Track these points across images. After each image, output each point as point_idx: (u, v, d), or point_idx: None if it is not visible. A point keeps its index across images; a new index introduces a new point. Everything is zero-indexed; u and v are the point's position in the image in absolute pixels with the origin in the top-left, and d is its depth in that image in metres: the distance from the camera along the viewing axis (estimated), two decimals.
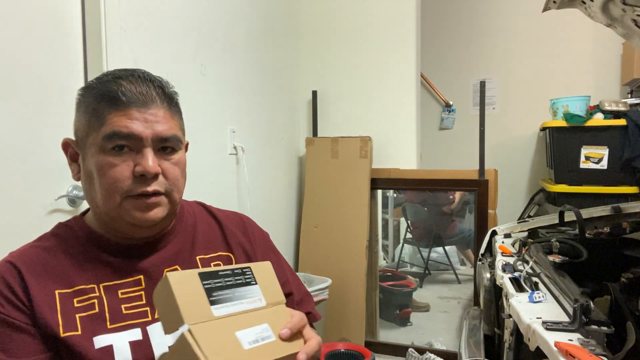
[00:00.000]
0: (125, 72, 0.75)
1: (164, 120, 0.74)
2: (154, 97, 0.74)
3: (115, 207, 0.73)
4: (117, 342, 0.69)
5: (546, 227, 1.76)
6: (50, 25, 1.27)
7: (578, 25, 3.08)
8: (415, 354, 2.25)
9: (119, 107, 0.71)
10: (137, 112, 0.71)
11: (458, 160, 3.26)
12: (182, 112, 0.82)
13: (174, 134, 0.75)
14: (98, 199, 0.74)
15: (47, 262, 0.73)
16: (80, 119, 0.75)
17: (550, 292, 1.10)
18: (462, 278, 3.51)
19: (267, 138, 2.36)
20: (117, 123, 0.71)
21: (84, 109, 0.74)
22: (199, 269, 0.64)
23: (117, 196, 0.72)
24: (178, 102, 0.80)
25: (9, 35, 1.16)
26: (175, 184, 0.76)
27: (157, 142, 0.73)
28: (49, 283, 0.71)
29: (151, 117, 0.72)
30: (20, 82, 1.18)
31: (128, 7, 1.44)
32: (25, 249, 0.75)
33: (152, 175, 0.72)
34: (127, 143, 0.71)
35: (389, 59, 2.58)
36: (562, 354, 0.75)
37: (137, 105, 0.72)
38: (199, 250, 0.84)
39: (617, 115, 2.45)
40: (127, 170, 0.71)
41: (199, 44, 1.81)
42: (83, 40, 1.37)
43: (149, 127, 0.72)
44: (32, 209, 1.22)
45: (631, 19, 1.08)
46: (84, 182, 0.76)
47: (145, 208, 0.73)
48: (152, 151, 0.72)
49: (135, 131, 0.71)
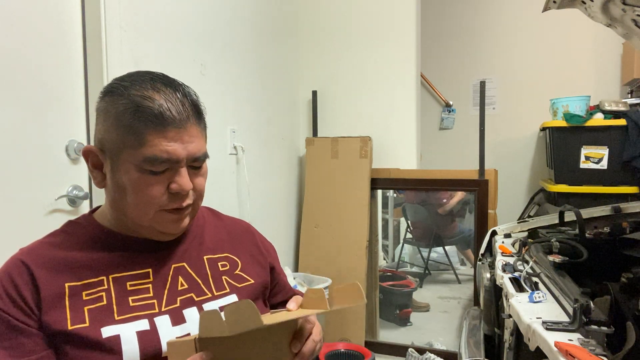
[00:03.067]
0: (157, 81, 0.74)
1: (197, 139, 0.76)
2: (189, 114, 0.74)
3: (147, 219, 0.76)
4: (125, 332, 0.71)
5: (546, 227, 1.76)
6: (50, 25, 1.27)
7: (578, 25, 3.08)
8: (415, 354, 2.25)
9: (158, 128, 0.71)
10: (175, 133, 0.72)
11: (458, 160, 3.26)
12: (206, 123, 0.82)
13: (205, 152, 0.78)
14: (130, 211, 0.76)
15: (57, 257, 0.74)
16: (109, 131, 0.73)
17: (550, 292, 1.10)
18: (462, 278, 3.51)
19: (267, 138, 2.36)
20: (158, 147, 0.71)
21: (115, 121, 0.72)
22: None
23: (151, 210, 0.75)
24: (203, 113, 0.80)
25: (9, 35, 1.15)
26: (201, 194, 0.81)
27: (190, 161, 0.76)
28: (58, 276, 0.72)
29: (186, 137, 0.73)
30: (20, 82, 1.18)
31: (128, 7, 1.44)
32: (36, 245, 0.76)
33: (187, 192, 0.75)
34: (167, 166, 0.73)
35: (389, 59, 2.58)
36: (562, 354, 0.75)
37: (175, 126, 0.72)
38: (207, 251, 0.87)
39: (617, 115, 2.44)
40: (163, 188, 0.74)
41: (199, 44, 1.81)
42: (83, 40, 1.37)
43: (185, 149, 0.73)
44: (32, 209, 1.22)
45: (631, 19, 1.08)
46: (114, 192, 0.76)
47: (177, 220, 0.77)
48: (186, 169, 0.75)
49: (174, 155, 0.72)
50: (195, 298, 0.80)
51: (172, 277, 0.80)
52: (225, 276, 0.85)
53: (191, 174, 0.76)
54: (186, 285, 0.80)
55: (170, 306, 0.77)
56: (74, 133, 1.34)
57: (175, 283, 0.80)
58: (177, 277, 0.80)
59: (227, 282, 0.85)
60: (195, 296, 0.80)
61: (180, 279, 0.81)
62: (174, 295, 0.78)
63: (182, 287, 0.80)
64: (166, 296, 0.78)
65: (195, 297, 0.80)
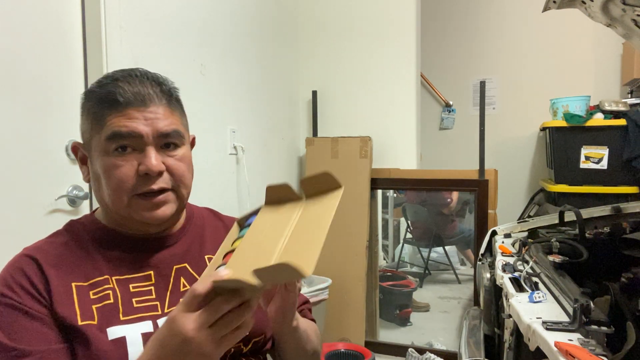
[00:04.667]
0: (123, 73, 0.76)
1: (164, 116, 0.75)
2: (151, 95, 0.74)
3: (124, 207, 0.74)
4: (130, 334, 0.71)
5: (546, 227, 1.76)
6: (50, 25, 1.27)
7: (578, 25, 3.08)
8: (415, 354, 2.25)
9: (118, 108, 0.72)
10: (136, 112, 0.72)
11: (458, 160, 3.26)
12: (183, 108, 0.82)
13: (175, 129, 0.76)
14: (107, 200, 0.75)
15: (63, 255, 0.74)
16: (84, 123, 0.77)
17: (550, 292, 1.10)
18: (462, 278, 3.51)
19: (267, 138, 2.36)
20: (117, 124, 0.72)
21: (87, 113, 0.76)
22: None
23: (124, 196, 0.73)
24: (179, 98, 0.81)
25: (9, 35, 1.15)
26: (182, 179, 0.77)
27: (159, 139, 0.74)
28: (66, 275, 0.72)
29: (150, 115, 0.73)
30: (20, 82, 1.18)
31: (128, 7, 1.44)
32: (41, 244, 0.77)
33: (156, 173, 0.73)
34: (129, 143, 0.72)
35: (389, 59, 2.58)
36: (562, 354, 0.75)
37: (136, 105, 0.72)
38: (208, 250, 0.86)
39: (617, 115, 2.44)
40: (132, 170, 0.73)
41: (199, 44, 1.81)
42: (83, 40, 1.37)
43: (149, 125, 0.73)
44: (32, 209, 1.22)
45: (631, 19, 1.08)
46: (93, 183, 0.78)
47: (153, 207, 0.75)
48: (154, 149, 0.73)
49: (135, 130, 0.72)
50: None
51: (174, 279, 0.80)
52: None
53: (164, 157, 0.75)
54: (188, 286, 0.80)
55: (173, 308, 0.76)
56: (74, 133, 1.32)
57: (177, 284, 0.79)
58: (179, 278, 0.80)
59: None
60: None
61: (183, 280, 0.80)
62: (176, 297, 0.78)
63: (184, 288, 0.80)
64: (169, 298, 0.77)
65: None
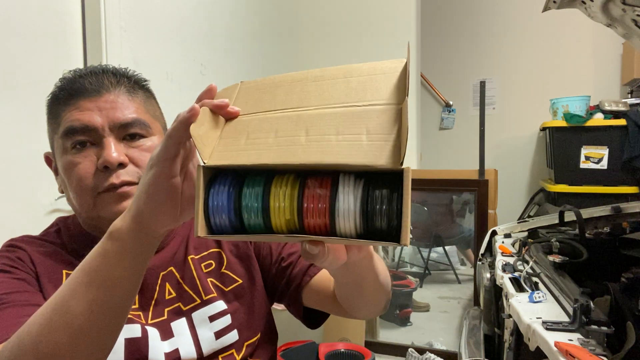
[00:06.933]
0: (79, 69, 0.73)
1: (122, 105, 0.69)
2: (105, 84, 0.69)
3: (91, 209, 0.68)
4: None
5: (546, 227, 1.76)
6: (51, 26, 1.27)
7: (578, 25, 3.08)
8: (415, 354, 2.25)
9: (70, 102, 0.68)
10: (89, 102, 0.68)
11: (458, 160, 3.26)
12: (154, 96, 0.77)
13: (136, 118, 0.69)
14: (75, 205, 0.70)
15: (51, 249, 0.72)
16: (47, 128, 0.74)
17: (550, 292, 1.10)
18: (462, 278, 3.51)
19: None
20: (70, 118, 0.67)
21: (47, 116, 0.73)
22: None
23: (87, 197, 0.68)
24: (145, 86, 0.75)
25: (9, 35, 1.15)
26: None
27: (119, 131, 0.68)
28: (56, 265, 0.70)
29: (105, 104, 0.68)
30: (20, 83, 1.18)
31: (128, 7, 1.44)
32: (26, 237, 0.75)
33: (115, 165, 0.66)
34: (86, 137, 0.67)
35: (389, 59, 2.57)
36: (562, 354, 0.75)
37: (87, 95, 0.68)
38: (191, 250, 0.80)
39: (617, 115, 2.45)
40: (91, 166, 0.67)
41: (199, 44, 1.81)
42: (83, 40, 1.37)
43: (103, 115, 0.67)
44: (32, 209, 1.22)
45: (631, 19, 1.08)
46: (62, 189, 0.73)
47: (117, 200, 0.67)
48: (113, 140, 0.68)
49: (89, 122, 0.67)
50: (182, 308, 0.74)
51: (159, 287, 0.74)
52: (211, 278, 0.78)
53: (127, 148, 0.69)
54: (174, 293, 0.75)
55: (158, 319, 0.72)
56: None
57: (162, 292, 0.74)
58: (165, 285, 0.75)
59: (214, 285, 0.78)
60: (182, 305, 0.74)
61: (168, 287, 0.75)
62: (161, 307, 0.73)
63: (169, 295, 0.75)
64: (152, 307, 0.73)
65: (183, 307, 0.74)
